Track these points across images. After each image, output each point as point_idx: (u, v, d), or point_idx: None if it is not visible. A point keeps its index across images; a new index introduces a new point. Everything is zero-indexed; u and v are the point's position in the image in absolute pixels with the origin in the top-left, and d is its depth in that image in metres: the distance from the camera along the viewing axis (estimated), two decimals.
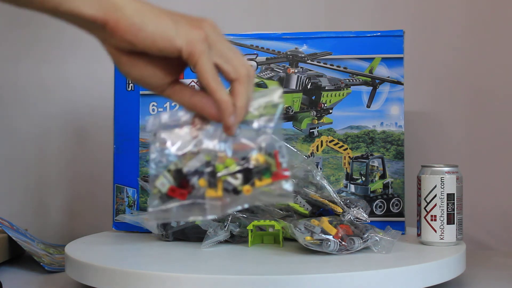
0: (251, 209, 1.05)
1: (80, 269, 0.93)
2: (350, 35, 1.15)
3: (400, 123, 1.14)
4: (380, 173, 1.14)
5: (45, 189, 1.46)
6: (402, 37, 1.14)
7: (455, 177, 1.00)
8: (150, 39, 0.56)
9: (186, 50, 0.57)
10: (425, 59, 1.40)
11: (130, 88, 1.18)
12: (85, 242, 1.11)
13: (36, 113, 1.46)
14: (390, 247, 0.95)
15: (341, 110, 1.15)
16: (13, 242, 1.17)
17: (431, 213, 1.00)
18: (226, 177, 0.59)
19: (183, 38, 0.57)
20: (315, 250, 0.93)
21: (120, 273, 0.87)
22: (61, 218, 1.46)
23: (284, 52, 1.16)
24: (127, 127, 1.18)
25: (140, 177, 1.16)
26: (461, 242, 1.02)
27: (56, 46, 1.47)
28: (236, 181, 0.59)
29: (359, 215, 0.98)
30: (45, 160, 1.47)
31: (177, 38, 0.57)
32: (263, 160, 0.59)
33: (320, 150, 1.15)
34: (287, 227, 0.97)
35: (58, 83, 1.46)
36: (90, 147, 1.46)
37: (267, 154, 0.59)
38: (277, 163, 0.59)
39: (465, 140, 1.39)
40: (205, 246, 1.00)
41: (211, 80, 0.58)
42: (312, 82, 1.15)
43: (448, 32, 1.40)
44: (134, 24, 0.56)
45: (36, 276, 1.09)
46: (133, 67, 0.59)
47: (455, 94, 1.40)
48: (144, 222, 1.07)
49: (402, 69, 1.14)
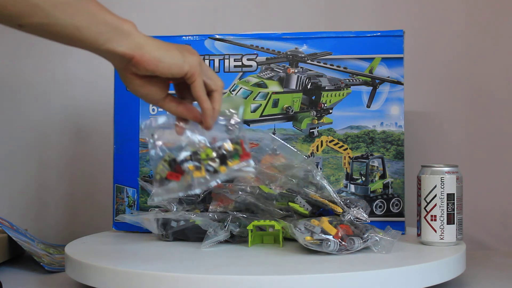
0: (251, 209, 1.05)
1: (80, 269, 0.93)
2: (350, 35, 1.15)
3: (400, 123, 1.14)
4: (380, 173, 1.14)
5: (45, 189, 1.46)
6: (402, 37, 1.14)
7: (455, 177, 1.00)
8: (167, 67, 0.77)
9: (189, 72, 0.78)
10: (425, 59, 1.40)
11: None
12: (85, 242, 1.11)
13: (36, 113, 1.46)
14: (390, 247, 0.95)
15: (341, 110, 1.15)
16: (13, 242, 1.17)
17: (431, 213, 1.00)
18: (207, 162, 0.81)
19: (188, 64, 0.78)
20: (315, 250, 0.93)
21: (120, 273, 0.87)
22: (61, 218, 1.46)
23: (284, 52, 1.16)
24: (127, 127, 1.18)
25: (140, 177, 1.16)
26: (461, 242, 1.02)
27: (56, 46, 1.46)
28: (215, 164, 0.82)
29: (359, 215, 0.98)
30: (45, 160, 1.47)
31: (184, 64, 0.78)
32: (232, 147, 0.82)
33: (320, 150, 1.15)
34: (287, 227, 0.97)
35: (58, 84, 1.46)
36: (90, 147, 1.46)
37: (235, 143, 0.82)
38: (242, 148, 0.82)
39: (465, 140, 1.39)
40: (205, 246, 1.00)
41: (202, 93, 0.80)
42: (312, 82, 1.15)
43: (448, 32, 1.40)
44: (155, 58, 0.76)
45: (36, 276, 1.09)
46: (142, 87, 0.79)
47: (455, 94, 1.40)
48: (144, 222, 1.07)
49: (402, 69, 1.14)
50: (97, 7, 0.74)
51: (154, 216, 1.06)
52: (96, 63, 1.42)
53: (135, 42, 0.75)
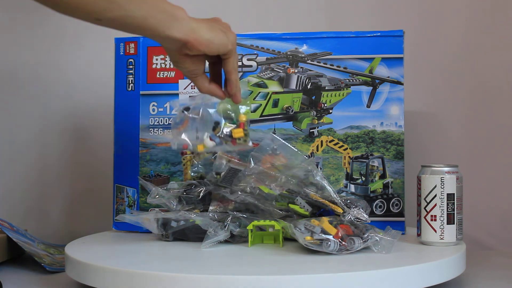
0: (251, 209, 1.06)
1: (80, 269, 0.93)
2: (350, 35, 1.15)
3: (400, 123, 1.14)
4: (380, 173, 1.14)
5: (45, 189, 1.46)
6: (402, 37, 1.14)
7: (455, 177, 1.00)
8: (216, 48, 0.87)
9: (231, 49, 0.89)
10: (425, 59, 1.40)
11: (130, 88, 1.18)
12: (85, 242, 1.11)
13: (36, 113, 1.46)
14: (390, 247, 0.95)
15: (341, 110, 1.15)
16: (13, 242, 1.17)
17: (431, 213, 1.00)
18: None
19: (231, 43, 0.89)
20: (315, 250, 0.93)
21: (120, 273, 0.87)
22: (61, 218, 1.46)
23: (284, 52, 1.16)
24: (127, 127, 1.18)
25: (141, 176, 1.16)
26: (461, 242, 1.02)
27: (56, 46, 1.47)
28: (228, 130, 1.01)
29: (359, 215, 0.98)
30: (45, 160, 1.47)
31: (228, 43, 0.88)
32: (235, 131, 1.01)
33: (320, 150, 1.15)
34: (287, 227, 0.97)
35: (58, 83, 1.47)
36: (90, 147, 1.46)
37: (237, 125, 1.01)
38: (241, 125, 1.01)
39: (465, 140, 1.39)
40: (205, 246, 1.00)
41: (235, 67, 0.91)
42: (312, 82, 1.15)
43: (448, 32, 1.40)
44: (207, 40, 0.86)
45: (36, 276, 1.09)
46: (190, 64, 0.89)
47: (455, 94, 1.40)
48: (144, 222, 1.07)
49: (402, 69, 1.14)
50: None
51: (154, 216, 1.06)
52: (96, 63, 1.43)
53: (188, 27, 0.84)
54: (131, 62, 1.18)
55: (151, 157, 1.18)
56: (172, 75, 1.18)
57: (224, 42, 0.88)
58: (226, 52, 0.89)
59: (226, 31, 0.89)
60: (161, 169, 1.17)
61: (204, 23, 0.86)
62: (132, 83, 1.18)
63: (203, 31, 0.85)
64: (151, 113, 1.18)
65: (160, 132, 1.17)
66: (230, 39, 0.88)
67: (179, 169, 1.17)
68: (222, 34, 0.87)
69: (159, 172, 1.17)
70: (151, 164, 1.18)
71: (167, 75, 1.18)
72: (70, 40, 1.44)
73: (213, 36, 0.86)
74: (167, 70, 1.18)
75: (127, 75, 1.18)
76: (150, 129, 1.18)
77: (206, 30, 0.86)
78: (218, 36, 0.87)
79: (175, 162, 1.17)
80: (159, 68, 1.18)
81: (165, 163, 1.17)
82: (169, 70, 1.18)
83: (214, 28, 0.87)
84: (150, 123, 1.18)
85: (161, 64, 1.18)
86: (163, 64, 1.18)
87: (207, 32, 0.86)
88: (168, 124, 1.17)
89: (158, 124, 1.18)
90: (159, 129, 1.18)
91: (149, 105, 1.17)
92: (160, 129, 1.18)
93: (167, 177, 1.17)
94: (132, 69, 1.18)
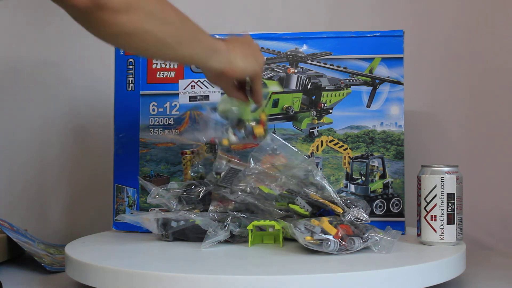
0: (251, 209, 1.05)
1: (80, 269, 0.93)
2: (350, 35, 1.15)
3: (400, 123, 1.14)
4: (380, 173, 1.14)
5: (45, 189, 1.46)
6: (402, 37, 1.14)
7: (455, 177, 1.00)
8: (247, 74, 0.99)
9: (259, 73, 1.01)
10: (425, 59, 1.40)
11: (130, 88, 1.18)
12: (85, 242, 1.11)
13: (36, 113, 1.46)
14: (390, 247, 0.95)
15: (341, 110, 1.15)
16: (13, 242, 1.17)
17: (431, 213, 1.00)
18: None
19: (259, 66, 1.00)
20: (315, 250, 0.93)
21: (120, 273, 0.87)
22: (61, 218, 1.46)
23: (284, 52, 1.16)
24: (127, 127, 1.18)
25: (141, 176, 1.16)
26: (461, 242, 1.02)
27: (56, 46, 1.47)
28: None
29: (359, 215, 0.98)
30: (45, 160, 1.47)
31: (258, 68, 1.00)
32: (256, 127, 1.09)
33: (320, 150, 1.15)
34: (287, 227, 0.97)
35: (58, 83, 1.46)
36: (90, 147, 1.46)
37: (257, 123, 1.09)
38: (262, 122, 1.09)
39: (465, 140, 1.39)
40: (205, 246, 1.00)
41: (260, 85, 1.03)
42: (312, 82, 1.15)
43: (448, 33, 1.40)
44: (241, 69, 0.97)
45: (36, 276, 1.09)
46: (224, 83, 1.02)
47: (455, 94, 1.40)
48: (144, 222, 1.07)
49: (402, 69, 1.14)
50: (202, 35, 0.92)
51: (154, 216, 1.06)
52: (96, 63, 1.43)
53: (226, 59, 0.95)
54: (131, 62, 1.18)
55: (151, 157, 1.18)
56: (172, 75, 1.18)
57: (254, 69, 0.99)
58: (256, 75, 1.01)
59: (257, 56, 1.00)
60: (161, 169, 1.17)
61: (238, 51, 0.97)
62: (132, 83, 1.18)
63: (238, 62, 0.96)
64: (151, 113, 1.18)
65: (160, 132, 1.18)
66: (259, 63, 1.00)
67: (179, 169, 1.17)
68: (254, 61, 0.99)
69: (159, 172, 1.17)
70: (151, 164, 1.18)
71: (167, 75, 1.18)
72: (70, 40, 1.44)
73: (246, 65, 0.97)
74: (167, 70, 1.18)
75: (127, 75, 1.18)
76: (150, 129, 1.18)
77: (241, 61, 0.96)
78: (251, 64, 0.98)
79: (175, 162, 1.17)
80: (159, 68, 1.18)
81: (165, 163, 1.17)
82: (169, 70, 1.18)
83: (247, 56, 0.97)
84: (150, 123, 1.18)
85: (161, 64, 1.18)
86: (163, 64, 1.18)
87: (241, 62, 0.96)
88: (168, 124, 1.17)
89: (158, 124, 1.18)
90: (159, 129, 1.18)
91: (149, 105, 1.18)
92: (160, 129, 1.18)
93: (167, 177, 1.17)
94: (132, 69, 1.18)
